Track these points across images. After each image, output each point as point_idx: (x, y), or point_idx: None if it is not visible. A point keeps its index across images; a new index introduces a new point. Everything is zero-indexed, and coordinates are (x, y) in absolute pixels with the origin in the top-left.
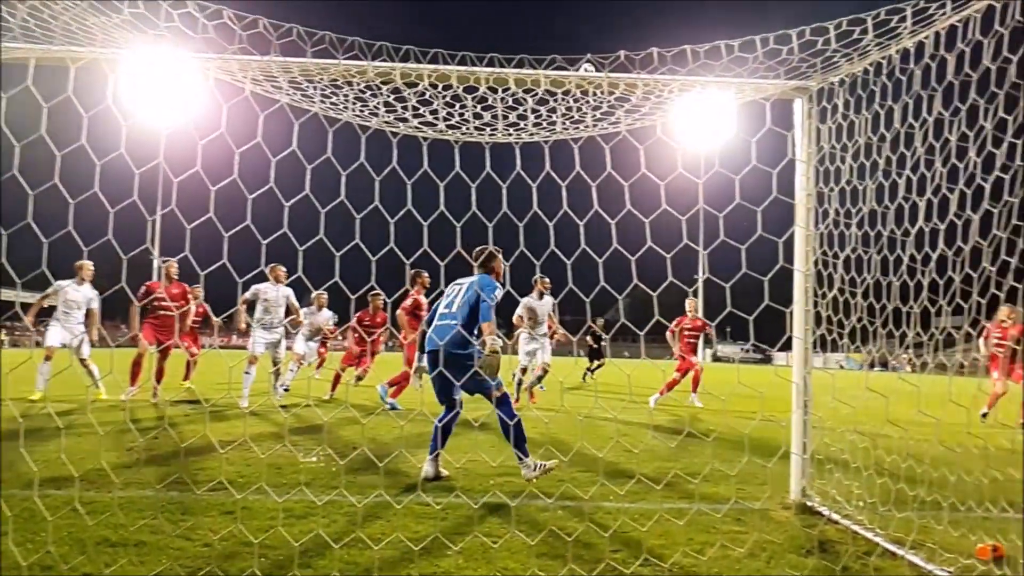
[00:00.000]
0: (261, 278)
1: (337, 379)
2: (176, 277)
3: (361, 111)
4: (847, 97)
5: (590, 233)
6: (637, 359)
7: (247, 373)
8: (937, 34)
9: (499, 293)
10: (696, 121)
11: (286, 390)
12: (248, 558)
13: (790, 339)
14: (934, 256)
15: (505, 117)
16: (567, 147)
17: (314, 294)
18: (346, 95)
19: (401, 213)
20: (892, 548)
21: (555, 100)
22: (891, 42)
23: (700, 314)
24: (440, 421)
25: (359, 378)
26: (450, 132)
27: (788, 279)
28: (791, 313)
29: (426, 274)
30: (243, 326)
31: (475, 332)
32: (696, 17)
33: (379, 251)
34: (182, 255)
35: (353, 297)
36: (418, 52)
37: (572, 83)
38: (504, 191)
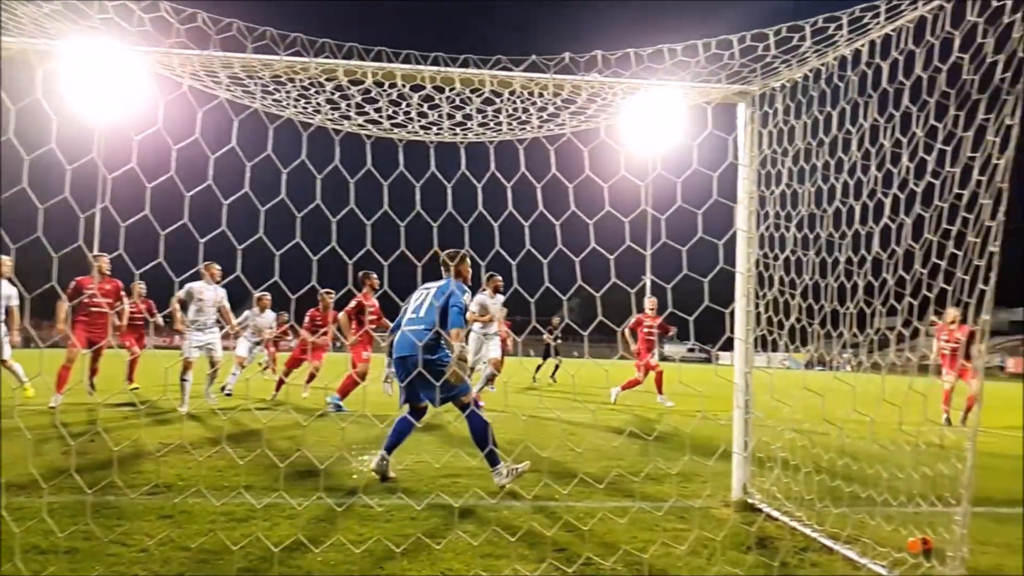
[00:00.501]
0: (197, 277)
1: (281, 383)
2: (108, 273)
3: (304, 108)
4: (788, 102)
5: (535, 234)
6: (585, 359)
7: (184, 380)
8: (872, 42)
9: (468, 298)
10: (641, 124)
11: (228, 394)
12: (187, 563)
13: (730, 339)
14: (869, 258)
15: (451, 116)
16: (512, 148)
17: (256, 295)
18: (288, 92)
19: (344, 212)
20: (828, 543)
21: (501, 100)
22: (828, 49)
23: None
24: (406, 418)
25: (312, 376)
26: (395, 131)
27: (728, 280)
28: (731, 313)
29: (375, 276)
30: (180, 326)
31: (443, 337)
32: (640, 21)
33: (320, 250)
34: (116, 253)
35: (293, 297)
36: (361, 50)
37: (518, 83)
38: (449, 191)
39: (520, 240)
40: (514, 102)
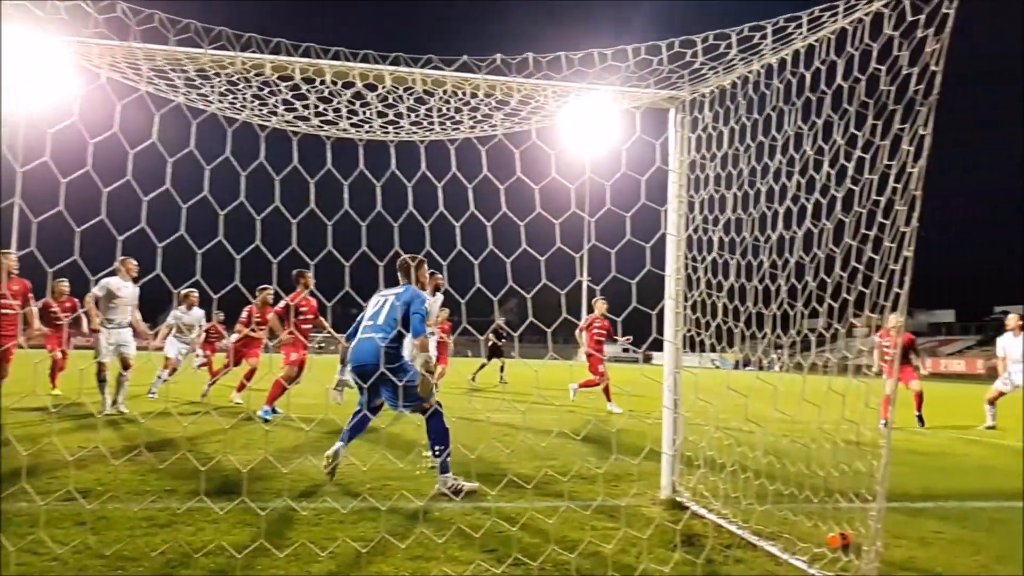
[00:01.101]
0: (113, 274)
1: (213, 383)
2: (16, 272)
3: (231, 103)
4: (717, 108)
5: (466, 235)
6: (525, 359)
7: (102, 381)
8: (796, 52)
9: (428, 304)
10: (573, 127)
11: (152, 396)
12: (103, 570)
13: (656, 340)
14: (792, 262)
15: (382, 115)
16: (443, 148)
17: (183, 292)
18: (213, 87)
19: (268, 210)
20: (753, 540)
21: (433, 100)
22: (754, 58)
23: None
24: (362, 414)
25: (249, 376)
26: (324, 128)
27: (655, 282)
28: (658, 314)
29: (310, 274)
30: (97, 325)
31: (402, 345)
32: (567, 24)
33: (243, 249)
34: (28, 250)
35: (215, 296)
36: (289, 46)
37: (450, 83)
38: (378, 190)
39: (451, 240)
40: (447, 101)
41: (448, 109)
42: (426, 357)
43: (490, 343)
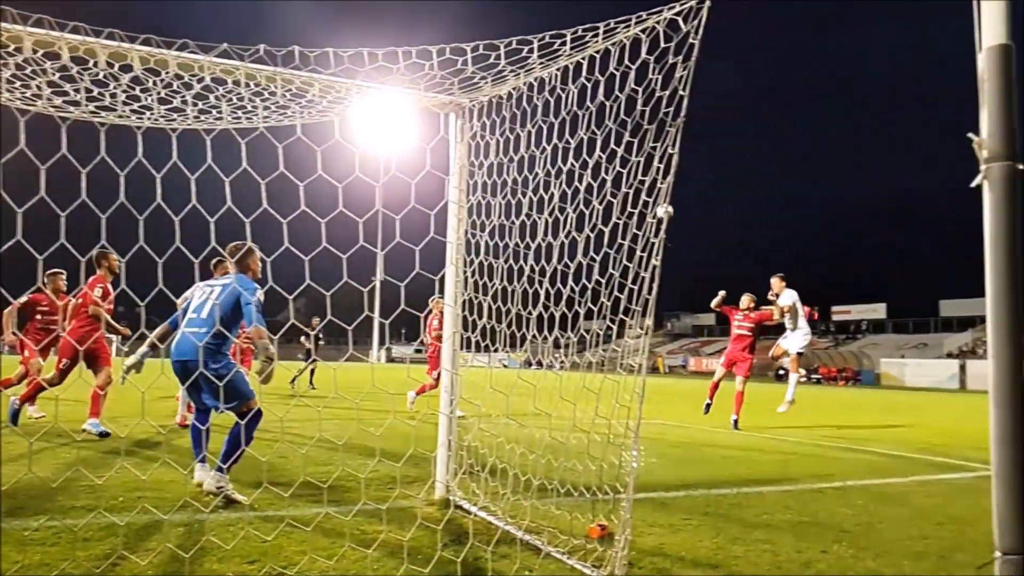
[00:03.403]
0: None
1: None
2: None
3: None
4: (494, 117)
5: (261, 232)
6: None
7: None
8: (566, 68)
9: (261, 294)
10: (375, 125)
11: None
12: None
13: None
14: (550, 269)
15: (168, 101)
16: (234, 142)
17: None
18: None
19: (34, 200)
20: (519, 535)
21: (223, 88)
22: (521, 71)
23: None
24: (196, 423)
25: (23, 378)
26: (101, 114)
27: (425, 285)
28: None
29: (114, 256)
30: None
31: (226, 342)
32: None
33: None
34: None
35: None
36: (53, 22)
37: (241, 73)
38: (158, 182)
39: (240, 237)
40: (240, 93)
41: (241, 99)
42: (266, 346)
43: (306, 346)
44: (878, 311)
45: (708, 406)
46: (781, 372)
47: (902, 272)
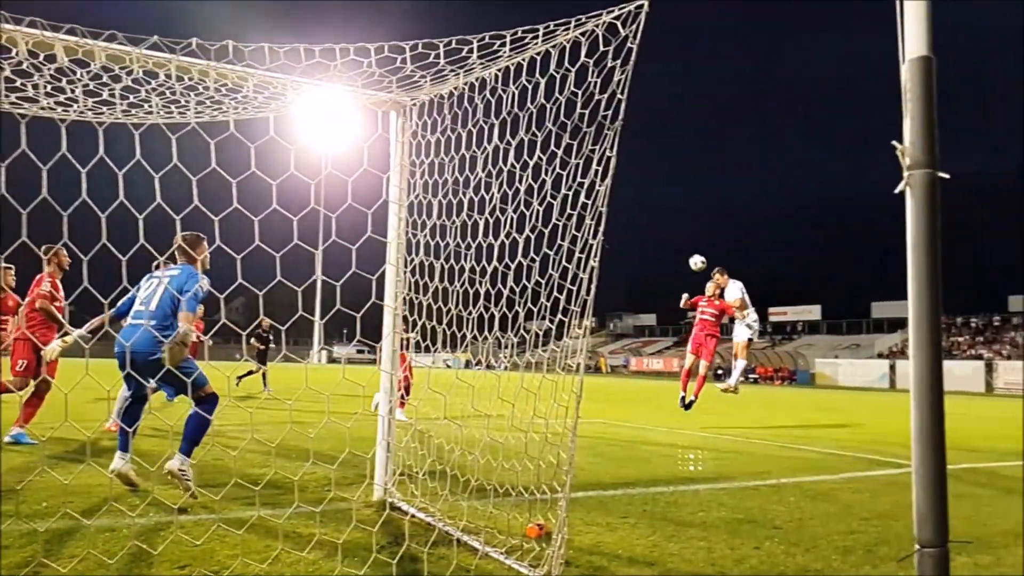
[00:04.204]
0: None
1: None
2: None
3: None
4: (435, 116)
5: (194, 229)
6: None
7: None
8: (506, 69)
9: (206, 283)
10: (312, 123)
11: None
12: None
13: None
14: (490, 269)
15: (95, 94)
16: (163, 137)
17: None
18: None
19: None
20: (458, 535)
21: (155, 82)
22: (462, 71)
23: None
24: (127, 413)
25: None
26: (24, 105)
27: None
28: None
29: (64, 252)
30: None
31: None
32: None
33: None
34: None
35: None
36: None
37: (173, 67)
38: (84, 176)
39: (169, 235)
40: (172, 87)
41: (173, 93)
42: (186, 329)
43: (258, 348)
44: (813, 312)
45: (683, 398)
46: (720, 372)
47: (836, 275)
